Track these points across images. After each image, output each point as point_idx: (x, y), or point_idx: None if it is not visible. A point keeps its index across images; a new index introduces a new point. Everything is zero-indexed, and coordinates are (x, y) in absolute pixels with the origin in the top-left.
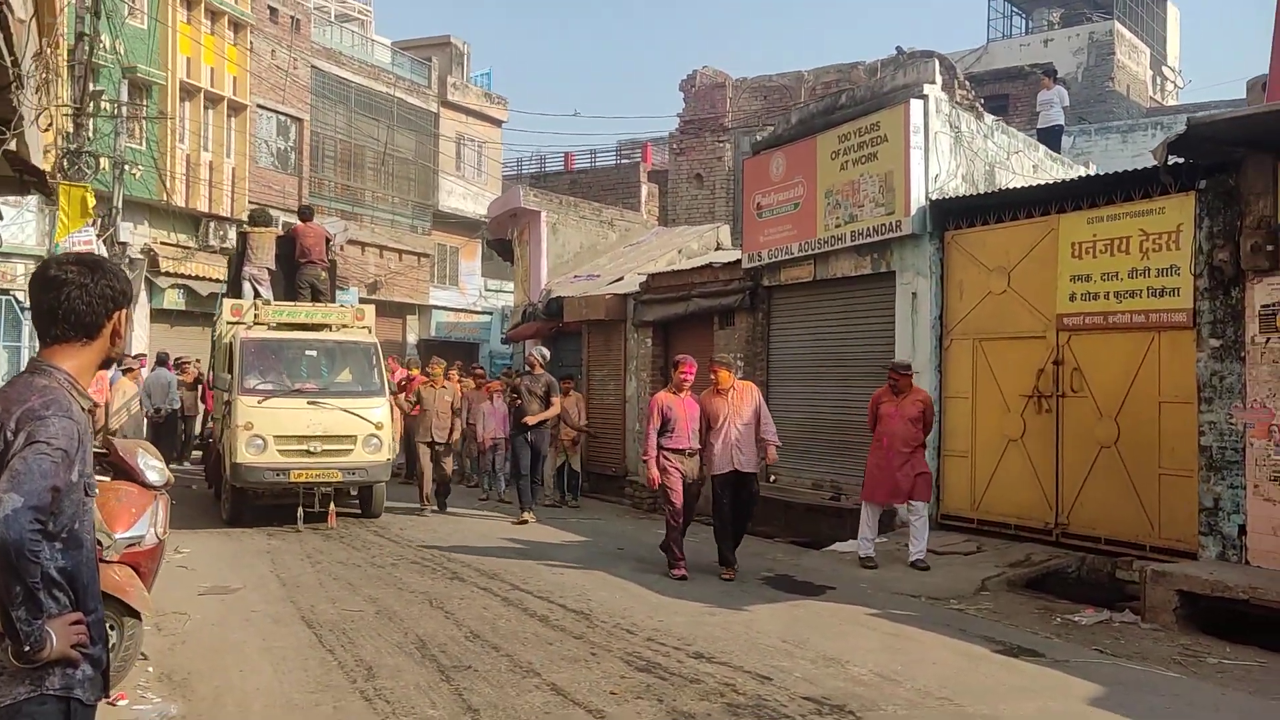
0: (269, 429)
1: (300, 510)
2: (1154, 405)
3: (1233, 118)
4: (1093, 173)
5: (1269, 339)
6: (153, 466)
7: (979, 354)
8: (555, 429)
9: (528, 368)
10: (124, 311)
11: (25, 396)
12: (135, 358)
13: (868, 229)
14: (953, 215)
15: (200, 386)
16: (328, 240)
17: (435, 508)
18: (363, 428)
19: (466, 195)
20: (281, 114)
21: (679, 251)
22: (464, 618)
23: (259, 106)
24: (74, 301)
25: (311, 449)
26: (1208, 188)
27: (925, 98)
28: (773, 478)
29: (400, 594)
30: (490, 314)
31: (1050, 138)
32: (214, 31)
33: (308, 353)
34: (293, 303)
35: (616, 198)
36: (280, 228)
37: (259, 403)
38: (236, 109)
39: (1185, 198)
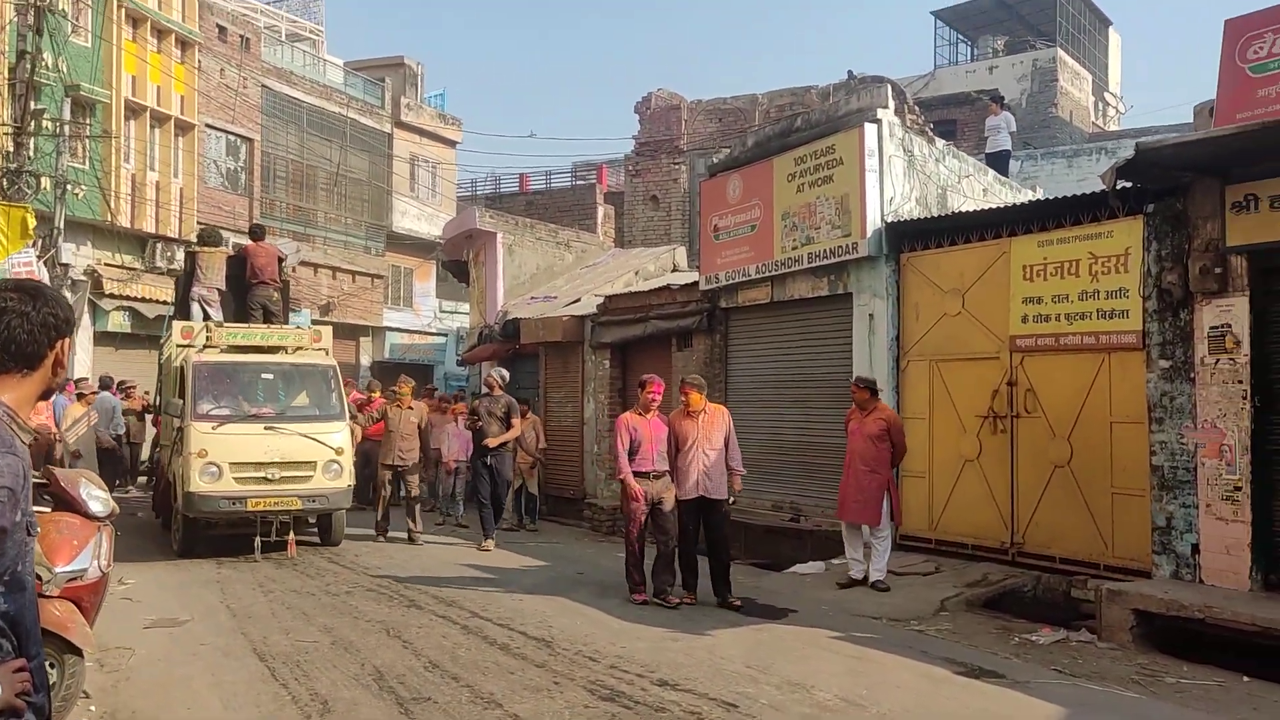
0: (224, 456)
1: (257, 540)
2: (1105, 425)
3: (1180, 143)
4: (1041, 196)
5: (1218, 360)
6: (96, 497)
7: (935, 375)
8: (513, 452)
9: (486, 389)
10: (66, 340)
11: None
12: (78, 382)
13: (825, 251)
14: (908, 237)
15: (148, 412)
16: (280, 260)
17: (386, 536)
18: (322, 453)
19: (421, 216)
20: (231, 134)
21: (636, 273)
22: (422, 647)
23: (208, 126)
24: (14, 331)
25: (269, 476)
26: (1155, 211)
27: (879, 122)
28: (732, 500)
29: (356, 623)
30: (445, 335)
31: (998, 162)
32: (160, 50)
33: (263, 376)
34: (246, 324)
35: (573, 219)
36: (230, 248)
37: (213, 429)
38: (184, 128)
39: (1133, 221)
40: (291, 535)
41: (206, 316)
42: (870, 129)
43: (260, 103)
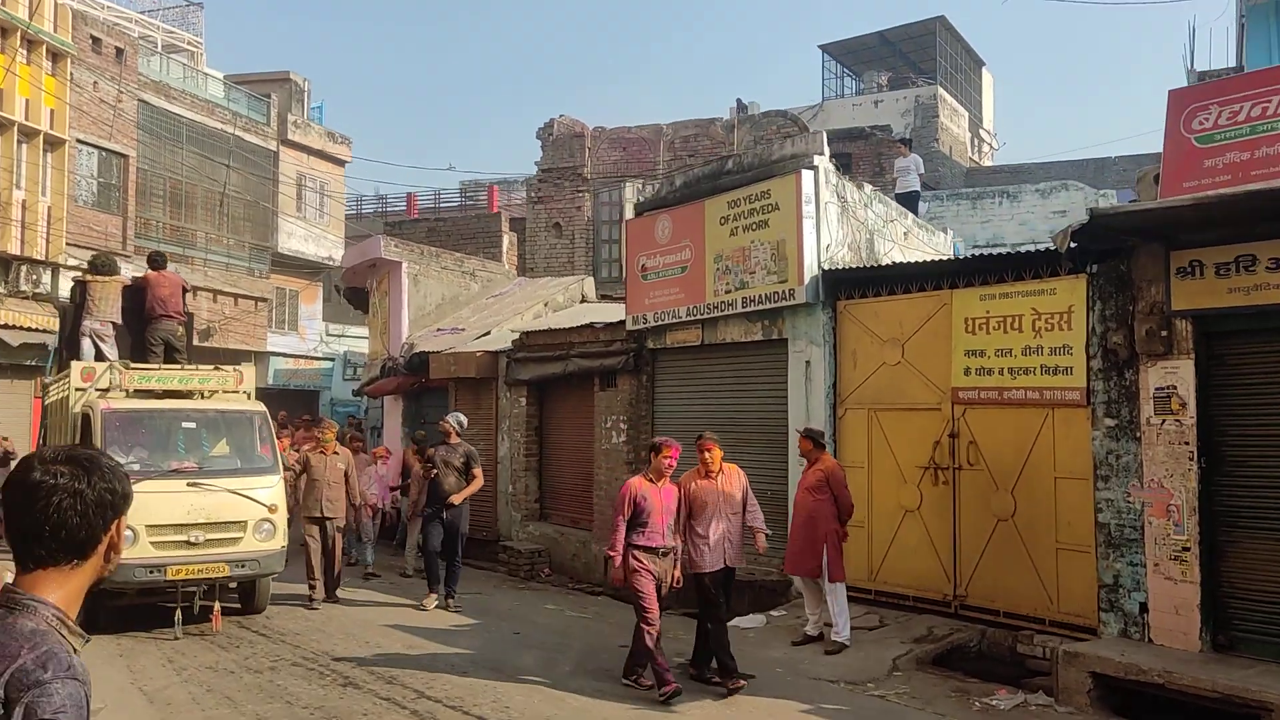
0: (140, 518)
1: (177, 613)
2: (1050, 480)
3: (1134, 211)
4: (950, 237)
5: (1164, 420)
6: None
7: (874, 424)
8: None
9: (444, 435)
10: (122, 520)
11: (11, 649)
12: None
13: (759, 295)
14: (845, 285)
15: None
16: (184, 290)
17: (324, 596)
18: (254, 511)
19: (308, 237)
20: (104, 150)
21: (545, 304)
22: None
23: (79, 141)
24: (65, 514)
25: (192, 539)
26: (1100, 273)
27: (815, 168)
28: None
29: (292, 711)
30: (332, 360)
31: (908, 203)
32: (30, 61)
33: (184, 425)
34: (156, 366)
35: (476, 246)
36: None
37: None
38: (54, 144)
39: (1076, 280)
40: (217, 607)
41: (99, 354)
42: (807, 175)
43: (136, 118)
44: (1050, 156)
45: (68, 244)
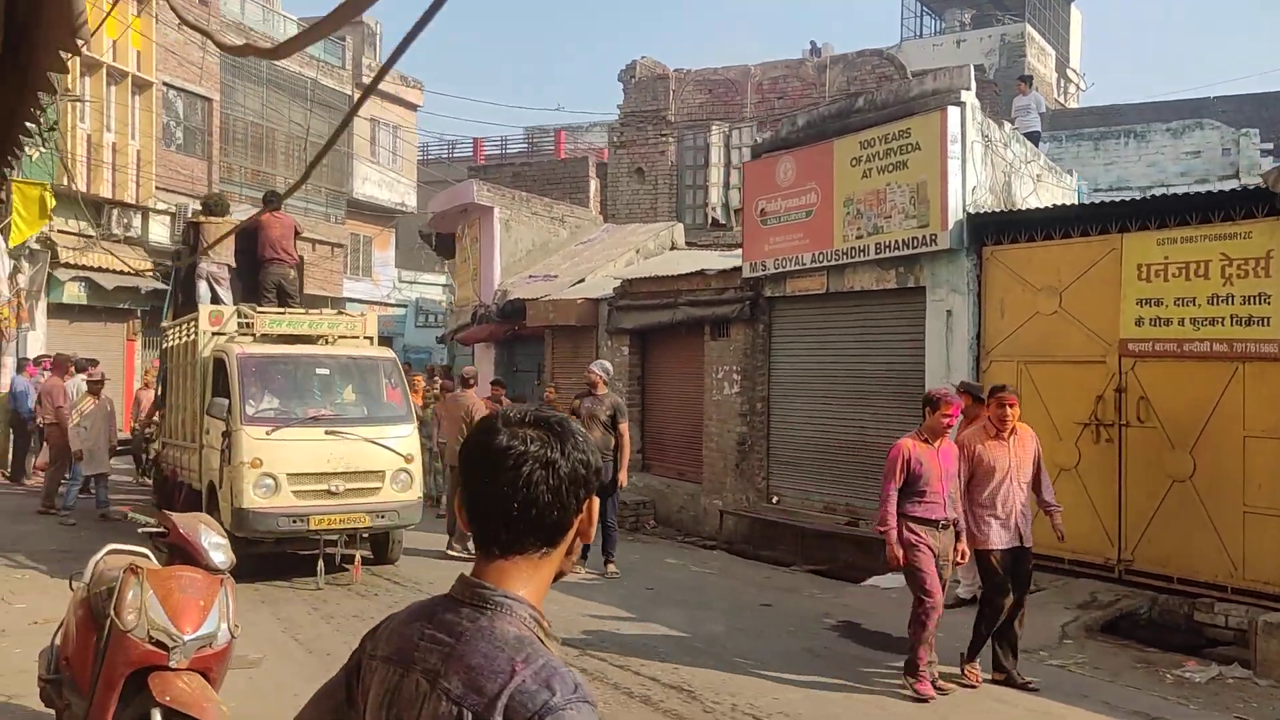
0: (281, 466)
1: (319, 564)
2: (1238, 439)
3: None
4: (1076, 181)
5: None
6: (217, 545)
7: (1024, 377)
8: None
9: (589, 386)
10: (594, 500)
11: (500, 663)
12: (37, 360)
13: (895, 241)
14: (991, 229)
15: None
16: (296, 233)
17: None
18: (391, 461)
19: (381, 183)
20: (190, 93)
21: (636, 251)
22: None
23: (165, 84)
24: (536, 489)
25: (333, 489)
26: None
27: (963, 105)
28: (775, 499)
29: None
30: (405, 306)
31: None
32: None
33: (319, 371)
34: (283, 309)
35: (563, 192)
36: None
37: (267, 434)
38: (141, 86)
39: (1276, 222)
40: (358, 556)
41: (215, 298)
42: (953, 112)
43: (220, 61)
44: (1144, 98)
45: (156, 188)
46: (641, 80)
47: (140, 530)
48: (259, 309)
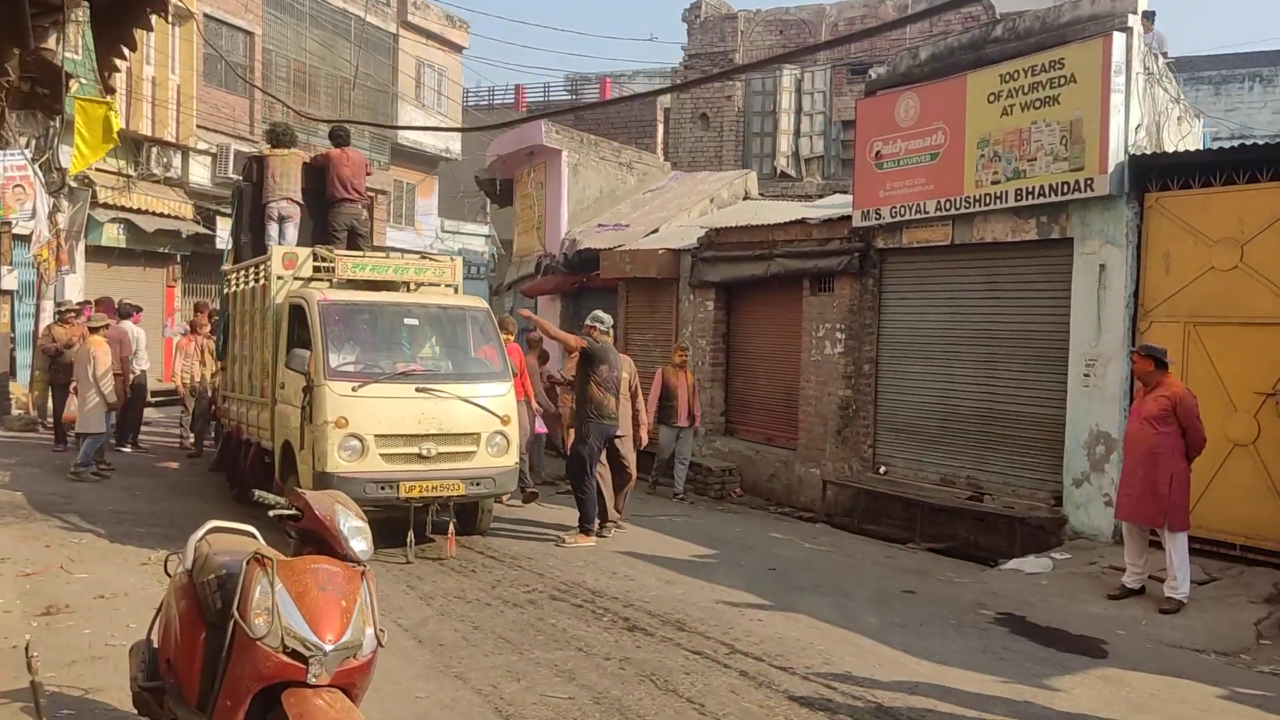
0: (368, 426)
1: (409, 535)
2: None
3: None
4: (1203, 126)
5: None
6: (357, 530)
7: (1193, 340)
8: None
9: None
10: None
11: None
12: (80, 306)
13: (1040, 187)
14: (1155, 174)
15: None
16: (367, 171)
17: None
18: (487, 423)
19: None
20: (231, 26)
21: (711, 200)
22: (722, 712)
23: (206, 16)
24: None
25: (424, 452)
26: None
27: (1129, 30)
28: (883, 469)
29: (593, 662)
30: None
31: None
32: None
33: (407, 321)
34: (362, 253)
35: (629, 137)
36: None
37: (353, 390)
38: (181, 18)
39: None
40: (452, 528)
41: (283, 239)
42: (1118, 39)
43: None
44: (1220, 48)
45: (197, 126)
46: (707, 20)
47: (271, 513)
48: (338, 252)
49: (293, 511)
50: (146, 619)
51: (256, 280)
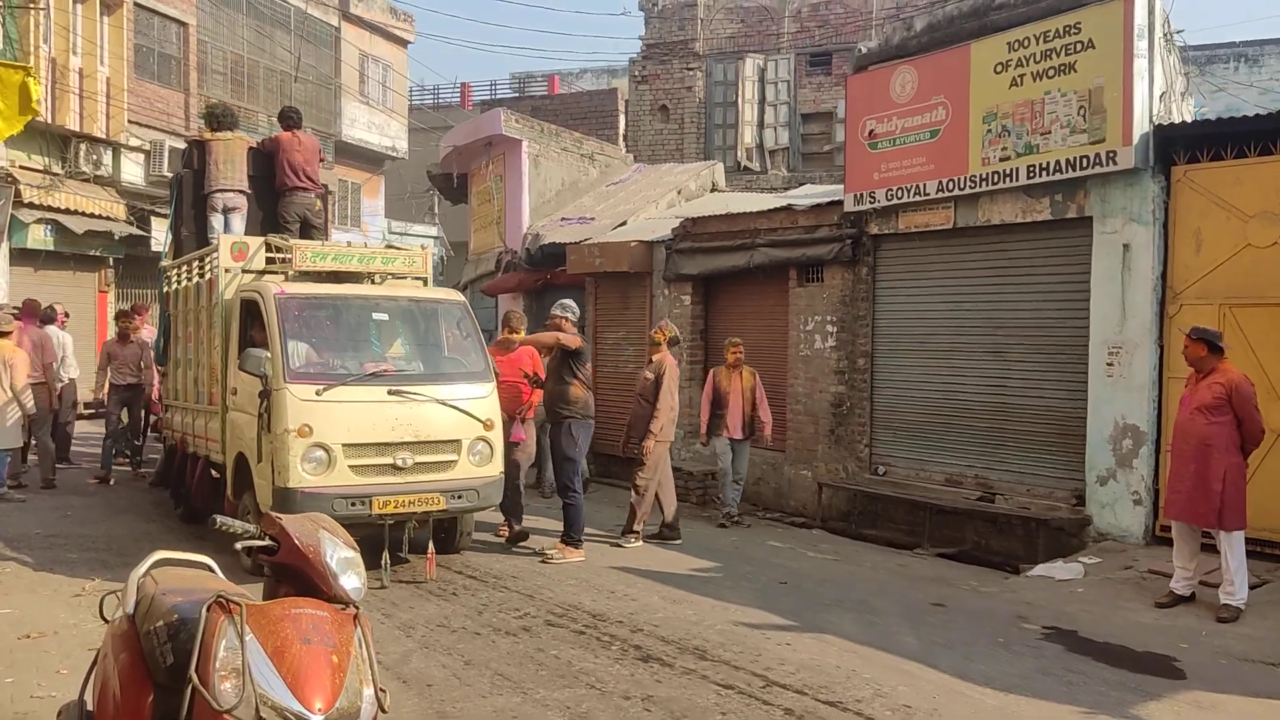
0: (335, 435)
1: (385, 557)
2: None
3: None
4: (1195, 105)
5: None
6: (346, 563)
7: (1228, 324)
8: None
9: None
10: None
11: None
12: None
13: (1056, 162)
14: (1182, 145)
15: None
16: (320, 158)
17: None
18: (468, 428)
19: (371, 125)
20: (163, 15)
21: (678, 193)
22: None
23: (136, 4)
24: None
25: (399, 462)
26: None
27: None
28: (881, 470)
29: (610, 701)
30: None
31: None
32: None
33: (375, 316)
34: (320, 242)
35: (589, 128)
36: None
37: (317, 394)
38: (110, 7)
39: None
40: (431, 548)
41: (228, 230)
42: (1141, 0)
43: None
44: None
45: (129, 121)
46: (666, 8)
47: (239, 545)
48: (295, 241)
49: (266, 542)
50: (81, 663)
51: (201, 275)
